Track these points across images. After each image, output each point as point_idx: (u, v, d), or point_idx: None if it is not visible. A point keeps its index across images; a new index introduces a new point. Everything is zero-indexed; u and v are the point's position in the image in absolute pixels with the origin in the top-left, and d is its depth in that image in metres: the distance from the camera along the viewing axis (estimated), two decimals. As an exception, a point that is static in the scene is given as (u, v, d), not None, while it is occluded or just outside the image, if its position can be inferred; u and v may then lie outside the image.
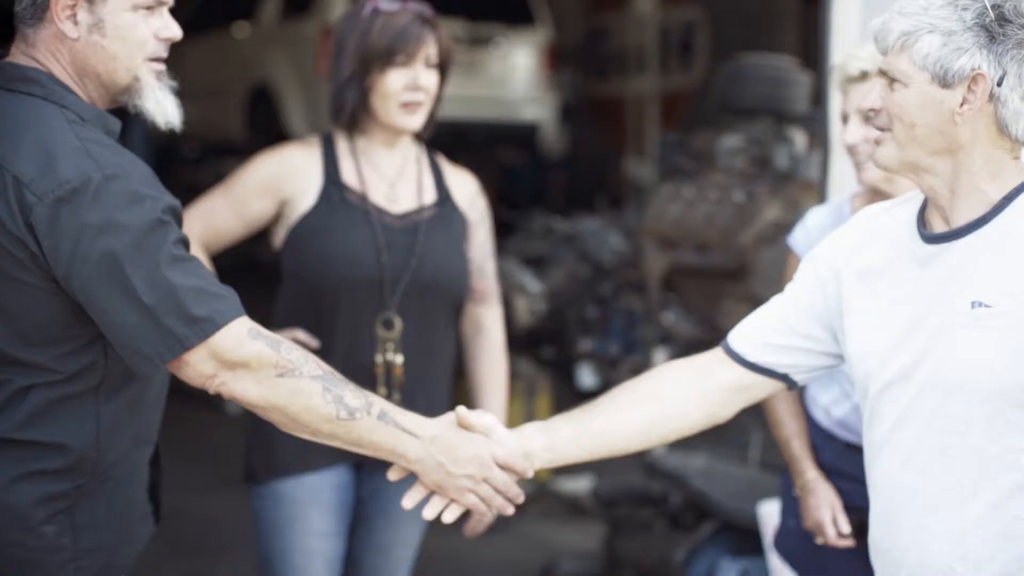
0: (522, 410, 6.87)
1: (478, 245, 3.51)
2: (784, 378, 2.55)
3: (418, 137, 3.48)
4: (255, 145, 4.79)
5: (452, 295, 3.42)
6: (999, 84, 2.22)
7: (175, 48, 2.54)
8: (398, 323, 3.31)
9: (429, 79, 3.35)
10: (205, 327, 2.31)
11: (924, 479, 2.28)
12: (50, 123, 2.35)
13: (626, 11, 13.62)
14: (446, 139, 5.39)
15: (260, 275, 4.22)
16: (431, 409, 2.89)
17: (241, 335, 2.33)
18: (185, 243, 2.37)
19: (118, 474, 2.49)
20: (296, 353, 2.38)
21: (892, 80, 2.28)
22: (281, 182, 3.37)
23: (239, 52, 11.64)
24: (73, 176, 2.28)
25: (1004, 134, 2.26)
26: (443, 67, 3.40)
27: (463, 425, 2.51)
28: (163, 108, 2.49)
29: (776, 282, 2.93)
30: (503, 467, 2.50)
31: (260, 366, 2.34)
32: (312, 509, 3.32)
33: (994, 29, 2.21)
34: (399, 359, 3.30)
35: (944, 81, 2.23)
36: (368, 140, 3.41)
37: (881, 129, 2.32)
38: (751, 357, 2.53)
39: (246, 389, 2.36)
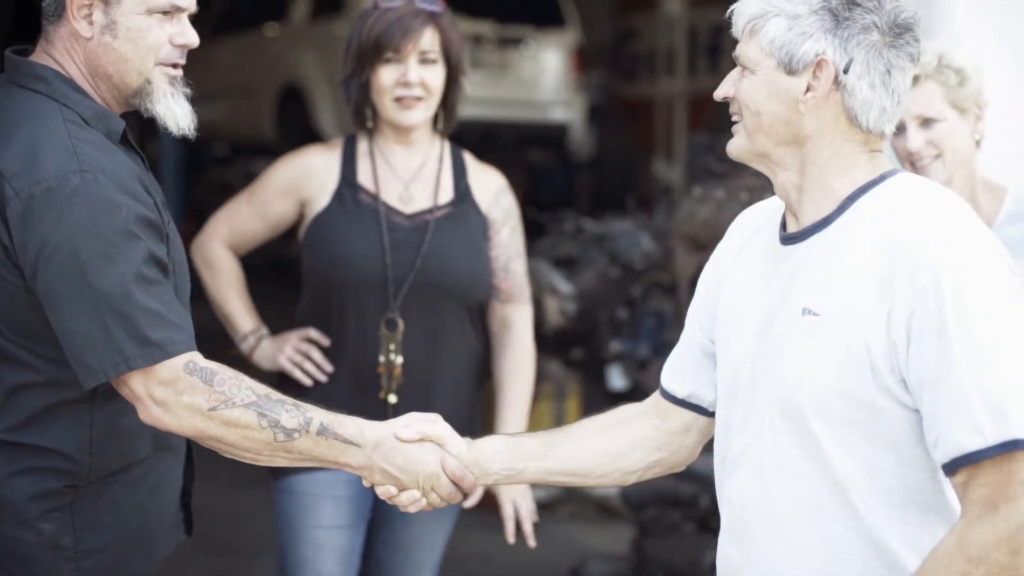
0: (551, 411, 6.85)
1: (502, 244, 3.46)
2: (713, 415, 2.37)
3: (440, 133, 3.46)
4: (285, 145, 4.82)
5: (462, 295, 3.38)
6: (845, 71, 2.08)
7: (207, 48, 2.53)
8: (401, 324, 3.29)
9: (423, 74, 3.30)
10: (153, 352, 2.29)
11: (772, 495, 2.14)
12: (46, 120, 2.36)
13: (655, 13, 13.59)
14: (475, 140, 5.40)
15: (289, 274, 4.24)
16: (450, 409, 2.90)
17: (177, 369, 2.31)
18: (159, 263, 2.34)
19: (129, 478, 2.49)
20: (230, 383, 2.34)
21: (743, 67, 2.16)
22: (301, 184, 3.40)
23: (269, 52, 11.67)
24: (52, 175, 2.28)
25: (855, 125, 2.11)
26: (449, 62, 3.35)
27: (401, 439, 2.43)
28: (173, 114, 2.48)
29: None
30: (451, 479, 2.44)
31: (192, 401, 2.32)
32: (324, 502, 3.31)
33: (840, 12, 2.07)
34: (399, 360, 3.29)
35: (789, 67, 2.10)
36: (384, 139, 3.40)
37: (733, 117, 2.19)
38: (679, 393, 2.41)
39: (181, 425, 2.34)
